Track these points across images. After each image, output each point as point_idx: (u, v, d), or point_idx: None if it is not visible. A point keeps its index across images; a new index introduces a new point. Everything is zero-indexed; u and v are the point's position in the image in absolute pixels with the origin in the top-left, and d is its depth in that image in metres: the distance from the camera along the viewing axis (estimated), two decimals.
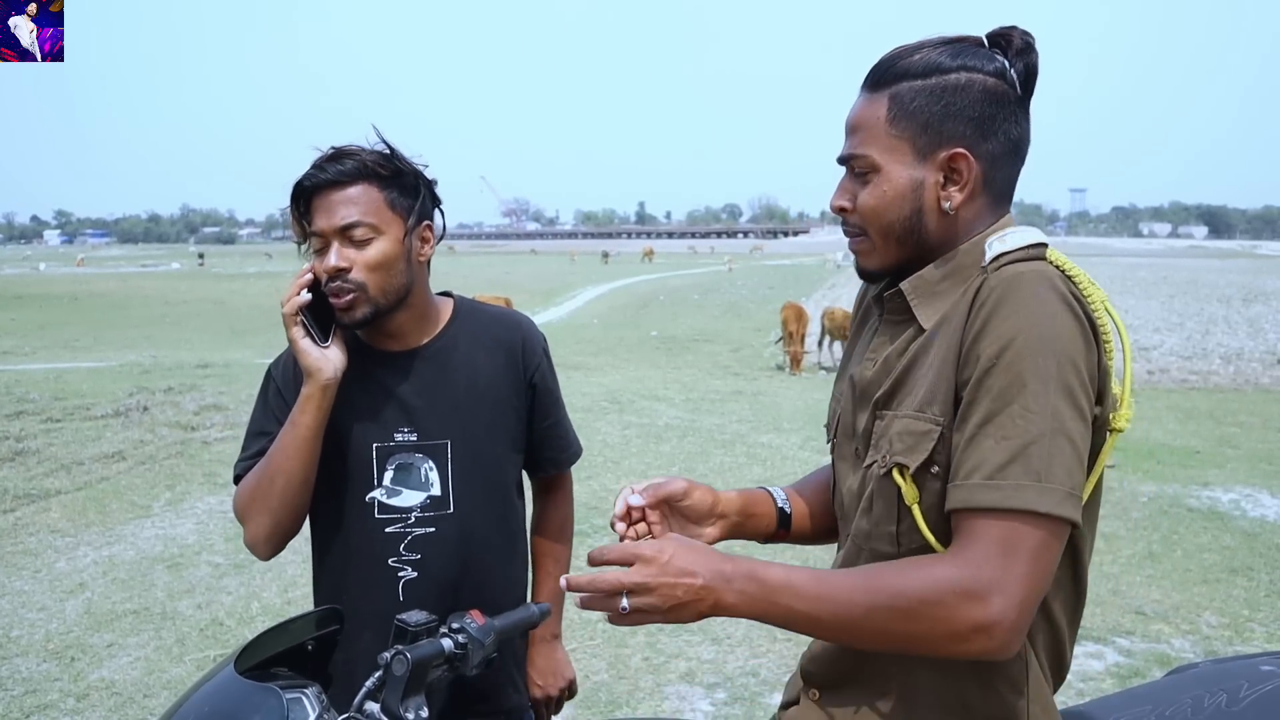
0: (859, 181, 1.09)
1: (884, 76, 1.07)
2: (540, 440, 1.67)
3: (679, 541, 1.01)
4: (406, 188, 1.49)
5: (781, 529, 1.32)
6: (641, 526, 1.21)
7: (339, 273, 1.43)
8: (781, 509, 1.32)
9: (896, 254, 1.10)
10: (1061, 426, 0.92)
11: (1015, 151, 1.08)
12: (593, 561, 1.02)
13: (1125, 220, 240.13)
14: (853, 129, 1.10)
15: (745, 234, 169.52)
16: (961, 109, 1.04)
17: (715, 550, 1.02)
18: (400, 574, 1.51)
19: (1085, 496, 0.97)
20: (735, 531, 1.28)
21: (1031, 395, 0.92)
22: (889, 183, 1.07)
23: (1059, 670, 1.09)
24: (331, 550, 1.56)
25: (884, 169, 1.07)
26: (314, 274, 1.45)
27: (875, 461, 1.08)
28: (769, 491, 1.33)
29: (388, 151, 1.48)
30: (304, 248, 1.50)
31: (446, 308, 1.63)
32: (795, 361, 12.81)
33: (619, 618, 0.98)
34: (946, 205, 1.06)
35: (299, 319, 1.44)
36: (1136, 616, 4.08)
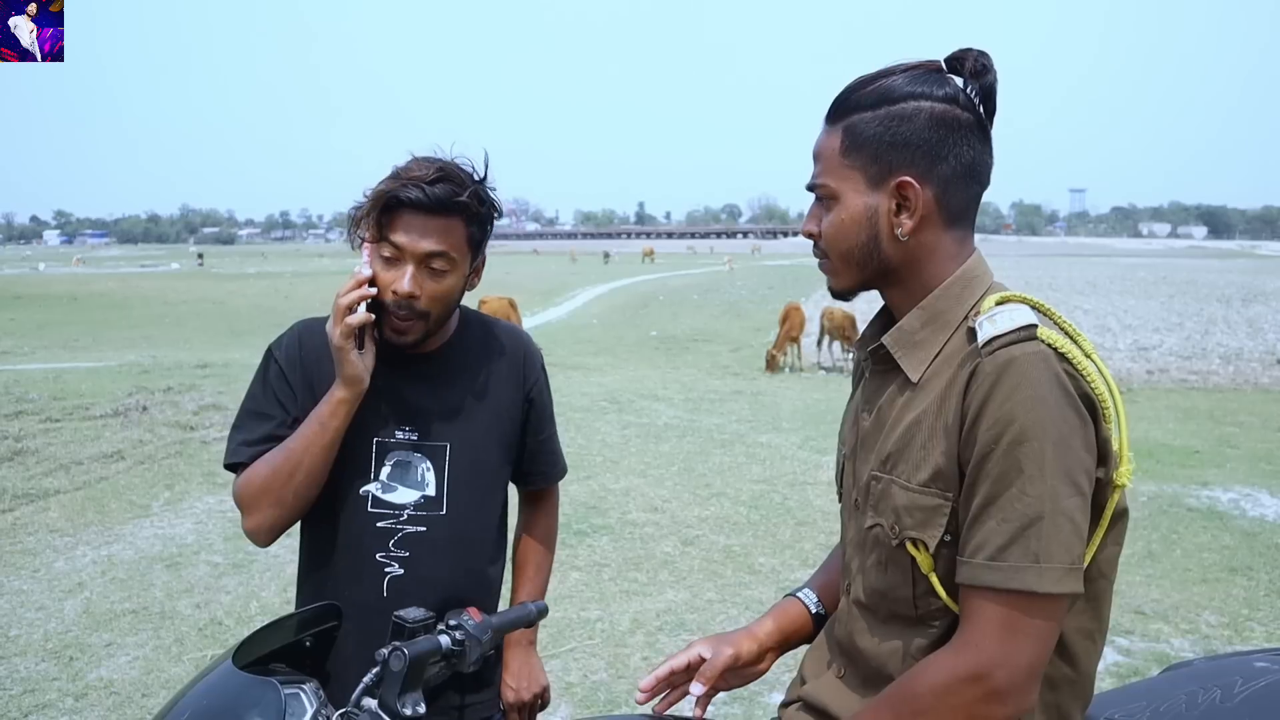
0: (824, 208, 1.15)
1: (840, 109, 1.12)
2: (532, 454, 1.70)
3: None
4: (483, 224, 1.50)
5: (818, 629, 1.36)
6: (675, 694, 1.27)
7: (410, 298, 1.44)
8: (816, 614, 1.36)
9: (858, 276, 1.15)
10: (1058, 506, 0.96)
11: (970, 174, 1.10)
12: None
13: (1125, 220, 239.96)
14: (815, 158, 1.16)
15: (745, 234, 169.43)
16: (908, 137, 1.07)
17: None
18: (386, 570, 1.52)
19: (1094, 548, 1.02)
20: (783, 651, 1.34)
21: (1028, 479, 0.96)
22: (846, 211, 1.11)
23: (1084, 702, 1.12)
24: (321, 539, 1.57)
25: (841, 198, 1.11)
26: (376, 283, 1.44)
27: (879, 526, 1.12)
28: (799, 599, 1.37)
29: (478, 178, 1.48)
30: (359, 246, 1.48)
31: (455, 316, 1.65)
32: (768, 361, 12.76)
33: None
34: (898, 232, 1.09)
35: (354, 331, 1.43)
36: (1136, 616, 4.08)
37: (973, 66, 1.09)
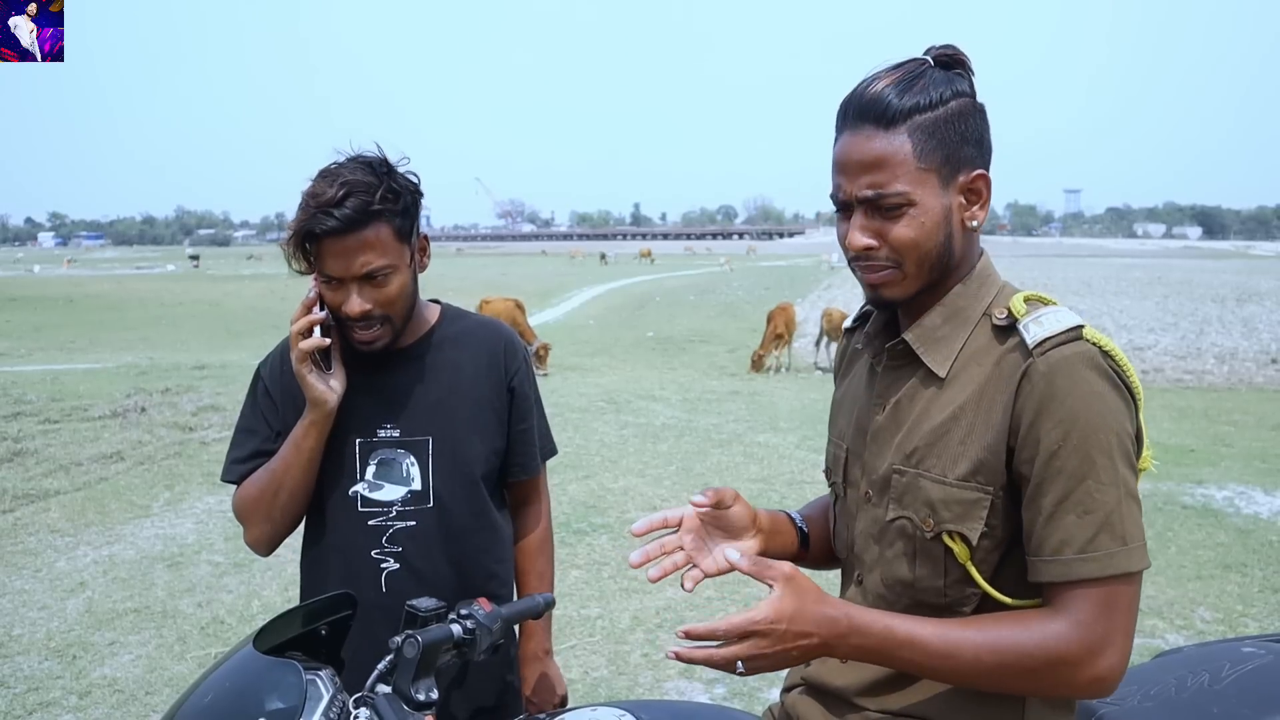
0: (886, 218, 1.09)
1: (895, 113, 1.07)
2: (511, 444, 1.69)
3: (793, 596, 1.00)
4: (407, 210, 1.48)
5: (801, 549, 1.38)
6: (667, 561, 1.17)
7: (364, 315, 1.45)
8: (801, 529, 1.38)
9: (927, 279, 1.13)
10: (1129, 490, 1.03)
11: (991, 159, 1.15)
12: (695, 637, 0.98)
13: (1120, 221, 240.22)
14: (872, 167, 1.08)
15: (740, 235, 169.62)
16: (968, 133, 1.10)
17: (825, 599, 1.03)
18: (382, 565, 1.55)
19: None
20: (763, 548, 1.28)
21: (1102, 469, 1.01)
22: (926, 214, 1.09)
23: None
24: (316, 542, 1.61)
25: (919, 202, 1.08)
26: (325, 305, 1.47)
27: (904, 519, 1.13)
28: (789, 515, 1.39)
29: (384, 170, 1.46)
30: (306, 273, 1.49)
31: (434, 312, 1.67)
32: (753, 361, 12.75)
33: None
34: (973, 224, 1.13)
35: (309, 355, 1.46)
36: None
37: (967, 60, 1.13)
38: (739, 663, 0.98)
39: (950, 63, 1.12)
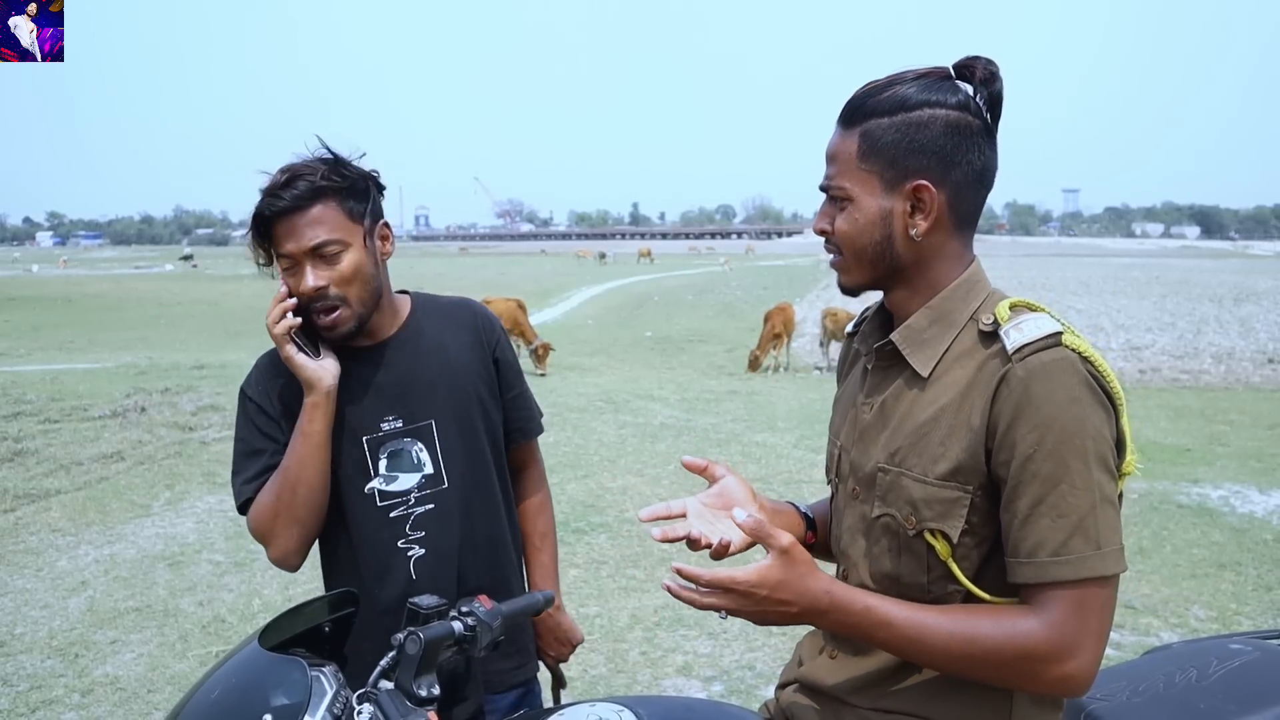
0: (837, 207, 1.18)
1: (855, 114, 1.16)
2: (508, 411, 1.75)
3: (782, 567, 1.04)
4: (359, 193, 1.54)
5: (810, 533, 1.40)
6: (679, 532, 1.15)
7: (319, 292, 1.49)
8: (806, 515, 1.40)
9: (870, 273, 1.19)
10: (1104, 495, 1.04)
11: (980, 180, 1.15)
12: (684, 576, 1.05)
13: (1118, 220, 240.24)
14: (829, 160, 1.19)
15: (739, 235, 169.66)
16: (925, 144, 1.12)
17: (813, 574, 1.06)
18: (409, 553, 1.59)
19: None
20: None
21: (1076, 474, 1.03)
22: (860, 212, 1.15)
23: None
24: (341, 546, 1.63)
25: (856, 199, 1.16)
26: (292, 293, 1.51)
27: (889, 516, 1.16)
28: (793, 504, 1.42)
29: (333, 160, 1.53)
30: (269, 269, 1.55)
31: (406, 301, 1.71)
32: (750, 360, 12.77)
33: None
34: (913, 233, 1.14)
35: (290, 338, 1.49)
36: (1126, 610, 4.14)
37: (982, 74, 1.13)
38: (721, 610, 1.05)
39: (966, 73, 1.14)
